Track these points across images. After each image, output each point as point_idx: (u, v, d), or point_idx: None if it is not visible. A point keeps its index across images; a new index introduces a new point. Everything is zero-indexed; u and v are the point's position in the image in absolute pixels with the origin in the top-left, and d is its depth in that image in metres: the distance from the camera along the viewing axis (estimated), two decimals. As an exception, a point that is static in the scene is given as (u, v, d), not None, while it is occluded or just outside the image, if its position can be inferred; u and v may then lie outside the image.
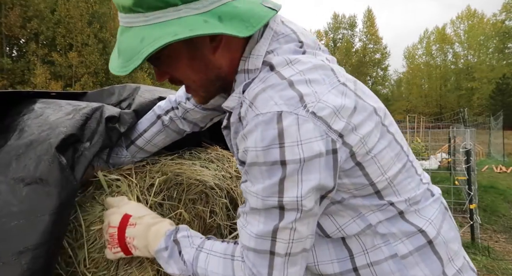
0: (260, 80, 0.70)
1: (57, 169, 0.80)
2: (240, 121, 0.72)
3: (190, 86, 0.78)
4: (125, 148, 1.09)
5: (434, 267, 0.74)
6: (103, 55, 27.68)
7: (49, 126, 0.89)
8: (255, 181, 0.67)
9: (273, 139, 0.63)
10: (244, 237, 0.71)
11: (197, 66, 0.73)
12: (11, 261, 0.74)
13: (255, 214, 0.69)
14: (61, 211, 0.78)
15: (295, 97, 0.65)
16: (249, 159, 0.66)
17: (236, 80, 0.76)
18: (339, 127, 0.66)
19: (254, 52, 0.73)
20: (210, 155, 1.41)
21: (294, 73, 0.68)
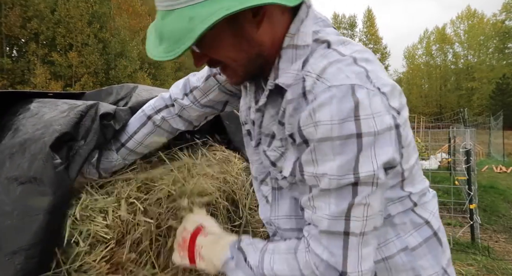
0: (321, 55, 0.70)
1: (51, 168, 0.79)
2: (304, 96, 0.68)
3: (230, 66, 0.74)
4: (115, 151, 1.05)
5: (439, 257, 0.79)
6: (103, 55, 27.66)
7: (44, 124, 0.88)
8: (325, 159, 0.64)
9: (349, 112, 0.61)
10: (315, 221, 0.68)
11: (239, 44, 0.70)
12: (4, 261, 0.73)
13: (324, 196, 0.66)
14: (55, 210, 0.77)
15: (363, 72, 0.66)
16: (321, 134, 0.63)
17: (282, 55, 0.73)
18: (396, 105, 0.68)
19: (303, 29, 0.73)
20: (215, 156, 1.40)
21: (352, 51, 0.69)
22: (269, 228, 0.91)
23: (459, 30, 47.69)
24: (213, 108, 1.07)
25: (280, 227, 0.85)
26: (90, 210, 0.90)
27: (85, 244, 0.84)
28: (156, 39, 0.68)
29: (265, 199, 0.89)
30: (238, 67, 0.74)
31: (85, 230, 0.85)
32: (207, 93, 1.02)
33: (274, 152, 0.79)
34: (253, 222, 1.40)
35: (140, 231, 0.97)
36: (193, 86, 1.03)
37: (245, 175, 1.42)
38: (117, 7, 29.05)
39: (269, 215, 0.87)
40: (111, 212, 0.92)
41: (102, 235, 0.87)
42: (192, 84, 1.04)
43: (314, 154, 0.66)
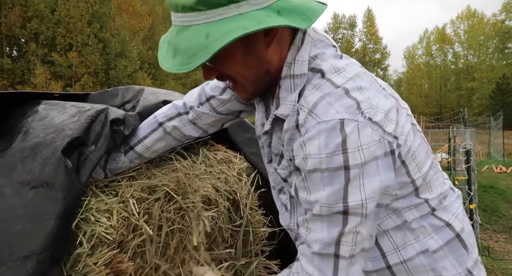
0: (314, 87, 0.73)
1: (62, 173, 0.80)
2: (297, 128, 0.73)
3: (239, 82, 0.78)
4: (123, 153, 1.08)
5: (462, 259, 0.80)
6: (103, 55, 27.60)
7: (54, 128, 0.89)
8: (315, 188, 0.69)
9: (337, 146, 0.65)
10: (309, 242, 0.72)
11: (250, 61, 0.74)
12: (16, 265, 0.73)
13: (317, 220, 0.70)
14: (67, 215, 0.78)
15: (353, 105, 0.68)
16: (310, 165, 0.67)
17: (281, 86, 0.77)
18: (391, 129, 0.70)
19: (299, 58, 0.76)
20: (216, 156, 1.41)
21: (345, 81, 0.72)
22: (290, 233, 0.95)
23: (459, 30, 47.64)
24: (228, 115, 1.09)
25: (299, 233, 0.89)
26: (95, 210, 0.91)
27: (88, 245, 0.84)
28: (169, 52, 0.70)
29: (284, 207, 0.92)
30: (247, 83, 0.77)
31: (89, 230, 0.86)
32: (225, 102, 1.05)
33: (284, 170, 0.83)
34: (253, 222, 1.40)
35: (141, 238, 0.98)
36: (210, 95, 1.06)
37: (246, 175, 1.43)
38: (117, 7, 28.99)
39: (288, 222, 0.90)
40: (116, 212, 0.93)
41: (106, 236, 0.87)
42: (208, 93, 1.06)
43: (306, 183, 0.70)
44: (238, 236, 1.36)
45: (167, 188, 1.08)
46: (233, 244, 1.37)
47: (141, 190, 1.04)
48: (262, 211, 1.45)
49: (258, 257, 1.42)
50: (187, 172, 1.21)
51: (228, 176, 1.35)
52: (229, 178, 1.34)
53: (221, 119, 1.11)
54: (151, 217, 1.02)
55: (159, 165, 1.23)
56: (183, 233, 1.13)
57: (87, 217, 0.88)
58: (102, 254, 0.86)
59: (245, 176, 1.42)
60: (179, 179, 1.14)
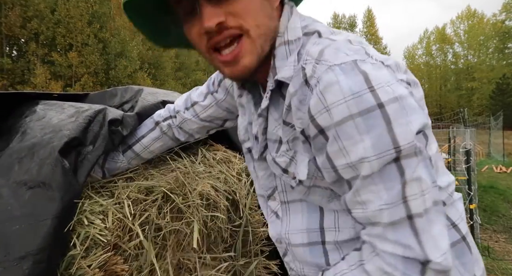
0: (314, 44, 0.67)
1: (60, 173, 0.80)
2: (307, 83, 0.63)
3: (250, 34, 0.66)
4: (122, 152, 1.08)
5: (469, 265, 0.71)
6: (103, 55, 27.62)
7: (52, 129, 0.89)
8: (352, 142, 0.57)
9: (361, 84, 0.57)
10: (372, 217, 0.60)
11: (265, 8, 0.67)
12: (12, 266, 0.73)
13: (370, 185, 0.58)
14: (64, 215, 0.77)
15: (361, 49, 0.63)
16: (338, 115, 0.57)
17: (276, 54, 0.70)
18: (403, 78, 0.63)
19: (290, 25, 0.71)
20: (215, 156, 1.41)
21: (345, 37, 0.67)
22: (279, 247, 0.86)
23: (459, 30, 47.67)
24: (212, 122, 1.09)
25: (291, 243, 0.79)
26: (89, 212, 0.90)
27: (82, 247, 0.83)
28: None
29: (274, 215, 0.84)
30: (257, 37, 0.66)
31: (83, 232, 0.85)
32: (206, 108, 1.05)
33: (283, 158, 0.73)
34: (253, 222, 1.40)
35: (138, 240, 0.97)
36: (194, 101, 1.07)
37: (245, 175, 1.42)
38: (117, 7, 28.98)
39: (279, 230, 0.82)
40: (111, 214, 0.93)
41: (100, 238, 0.86)
42: (193, 99, 1.07)
43: (339, 141, 0.59)
44: (238, 236, 1.36)
45: (164, 189, 1.07)
46: (233, 244, 1.37)
47: (138, 191, 1.04)
48: (261, 211, 1.44)
49: (257, 257, 1.42)
50: (186, 172, 1.21)
51: (227, 176, 1.34)
52: (228, 178, 1.34)
53: (204, 127, 1.10)
54: (148, 219, 1.02)
55: (157, 165, 1.23)
56: (181, 234, 1.13)
57: (80, 219, 0.87)
58: (96, 256, 0.84)
59: (245, 176, 1.42)
60: (177, 180, 1.13)
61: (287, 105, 0.68)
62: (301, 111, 0.65)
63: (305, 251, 0.76)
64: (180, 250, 1.14)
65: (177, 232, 1.11)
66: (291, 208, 0.79)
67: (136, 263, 0.98)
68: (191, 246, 1.16)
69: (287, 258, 0.84)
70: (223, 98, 1.02)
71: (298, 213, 0.78)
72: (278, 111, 0.73)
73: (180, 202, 1.10)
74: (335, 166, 0.62)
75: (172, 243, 1.09)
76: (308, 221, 0.75)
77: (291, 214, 0.79)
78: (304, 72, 0.64)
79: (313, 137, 0.63)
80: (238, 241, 1.36)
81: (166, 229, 1.05)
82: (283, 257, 0.85)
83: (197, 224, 1.12)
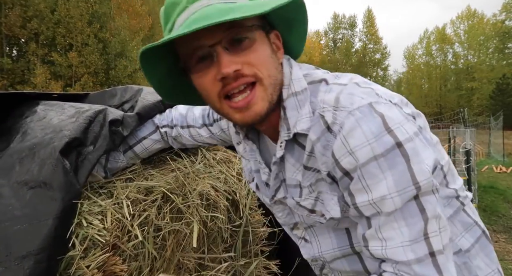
0: (325, 92, 0.71)
1: (61, 173, 0.80)
2: (329, 129, 0.68)
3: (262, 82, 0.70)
4: (122, 153, 1.12)
5: (492, 255, 0.79)
6: (103, 55, 27.62)
7: (53, 129, 0.89)
8: (376, 181, 0.62)
9: (380, 127, 0.62)
10: (392, 255, 0.63)
11: (273, 61, 0.73)
12: (13, 265, 0.73)
13: (391, 222, 0.62)
14: (64, 215, 0.77)
15: (371, 91, 0.68)
16: (362, 157, 0.62)
17: (286, 106, 0.74)
18: (409, 111, 0.70)
19: (294, 77, 0.76)
20: (216, 156, 1.41)
21: (349, 79, 0.72)
22: (315, 264, 0.91)
23: (459, 30, 47.65)
24: (206, 143, 1.17)
25: (327, 260, 0.85)
26: (87, 213, 0.90)
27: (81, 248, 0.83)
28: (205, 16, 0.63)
29: (303, 240, 0.89)
30: (269, 86, 0.71)
31: (82, 233, 0.85)
32: (201, 136, 1.12)
33: (308, 200, 0.78)
34: (253, 222, 1.40)
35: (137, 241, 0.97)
36: (190, 124, 1.13)
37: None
38: (117, 7, 28.99)
39: (313, 253, 0.87)
40: (110, 214, 0.93)
41: (99, 238, 0.86)
42: (189, 122, 1.13)
43: (363, 181, 0.63)
44: (238, 236, 1.36)
45: (164, 189, 1.07)
46: (233, 244, 1.37)
47: (137, 191, 1.04)
48: (261, 211, 1.44)
49: (257, 257, 1.42)
50: (186, 172, 1.21)
51: (227, 176, 1.34)
52: (228, 178, 1.34)
53: (197, 145, 1.18)
54: (147, 219, 1.02)
55: (157, 165, 1.23)
56: (181, 234, 1.13)
57: (79, 219, 0.88)
58: (95, 257, 0.85)
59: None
60: (177, 180, 1.14)
61: (308, 152, 0.73)
62: (325, 155, 0.69)
63: (342, 262, 0.83)
64: (180, 250, 1.14)
65: (177, 232, 1.11)
66: (317, 231, 0.85)
67: (135, 263, 0.98)
68: (191, 246, 1.16)
69: (325, 270, 0.90)
70: (217, 133, 1.10)
71: (325, 235, 0.83)
72: (294, 157, 0.77)
73: (180, 202, 1.10)
74: (355, 203, 0.66)
75: (172, 243, 1.09)
76: (338, 242, 0.81)
77: (318, 236, 0.85)
78: (325, 119, 0.68)
79: (340, 178, 0.68)
80: (238, 241, 1.36)
81: (165, 229, 1.05)
82: (321, 271, 0.91)
83: (197, 224, 1.12)
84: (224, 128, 1.07)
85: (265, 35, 0.72)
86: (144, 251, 1.01)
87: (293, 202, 0.81)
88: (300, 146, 0.75)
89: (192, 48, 0.68)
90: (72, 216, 0.83)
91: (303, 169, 0.76)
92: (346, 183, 0.67)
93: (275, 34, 0.75)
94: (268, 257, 1.46)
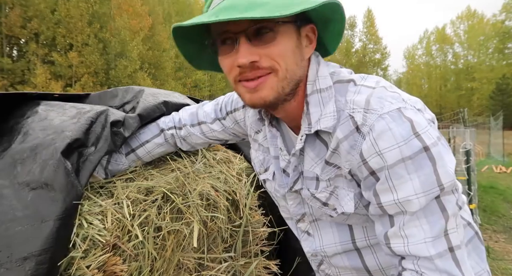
0: (354, 93, 0.74)
1: (62, 174, 0.80)
2: (358, 130, 0.70)
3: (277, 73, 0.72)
4: (124, 155, 1.11)
5: (482, 256, 0.83)
6: (103, 55, 27.62)
7: (54, 130, 0.89)
8: (402, 181, 0.65)
9: (409, 131, 0.65)
10: (415, 251, 0.66)
11: (296, 55, 0.73)
12: (14, 267, 0.73)
13: (414, 220, 0.66)
14: (66, 216, 0.77)
15: (398, 96, 0.71)
16: (391, 159, 0.65)
17: (309, 101, 0.77)
18: (429, 117, 0.73)
19: (320, 74, 0.78)
20: (216, 156, 1.41)
21: (375, 83, 0.74)
22: (314, 259, 0.94)
23: (459, 30, 47.67)
24: (216, 140, 1.16)
25: (327, 255, 0.88)
26: (87, 213, 0.90)
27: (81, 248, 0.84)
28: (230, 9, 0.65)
29: (306, 234, 0.92)
30: (283, 79, 0.72)
31: (82, 233, 0.86)
32: (213, 131, 1.11)
33: (323, 193, 0.81)
34: (253, 222, 1.40)
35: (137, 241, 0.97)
36: (201, 121, 1.12)
37: (245, 176, 1.42)
38: (117, 7, 28.98)
39: (314, 246, 0.90)
40: (110, 214, 0.93)
41: (99, 238, 0.87)
42: (200, 118, 1.12)
43: (390, 181, 0.66)
44: (238, 236, 1.36)
45: (164, 189, 1.08)
46: (233, 244, 1.37)
47: (138, 191, 1.04)
48: (261, 211, 1.45)
49: (257, 257, 1.42)
50: (186, 172, 1.21)
51: (227, 176, 1.34)
52: (228, 178, 1.34)
53: (207, 143, 1.18)
54: (148, 219, 1.02)
55: (157, 165, 1.23)
56: (181, 235, 1.13)
57: (79, 220, 0.88)
58: (95, 257, 0.85)
59: (245, 176, 1.42)
60: (177, 180, 1.14)
61: (333, 149, 0.75)
62: (351, 154, 0.72)
63: (342, 258, 0.86)
64: (180, 250, 1.14)
65: (177, 232, 1.11)
66: (320, 225, 0.88)
67: (136, 263, 0.98)
68: (191, 246, 1.16)
69: (323, 266, 0.93)
70: (230, 126, 1.09)
71: (327, 229, 0.87)
72: (314, 152, 0.80)
73: (180, 202, 1.10)
74: (380, 203, 0.69)
75: (172, 243, 1.10)
76: (340, 236, 0.85)
77: (321, 230, 0.88)
78: (354, 120, 0.71)
79: (365, 177, 0.71)
80: (238, 241, 1.36)
81: (165, 230, 1.06)
82: (318, 267, 0.94)
83: (197, 224, 1.12)
84: (239, 119, 1.06)
85: (295, 29, 0.72)
86: (144, 251, 1.01)
87: (308, 193, 0.84)
88: (322, 142, 0.78)
89: (219, 31, 0.71)
90: (74, 217, 0.83)
91: (323, 164, 0.78)
92: (371, 182, 0.70)
93: (310, 28, 0.76)
94: (268, 257, 1.46)
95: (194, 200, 1.14)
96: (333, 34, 0.81)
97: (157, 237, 1.05)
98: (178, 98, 1.29)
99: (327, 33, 0.80)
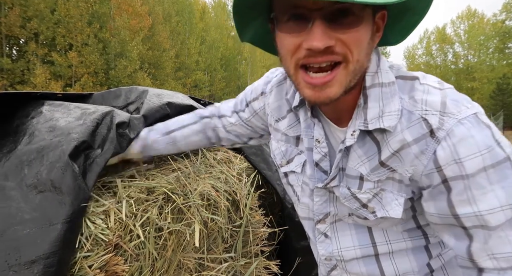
0: (424, 93, 0.68)
1: (70, 177, 0.80)
2: (432, 134, 0.65)
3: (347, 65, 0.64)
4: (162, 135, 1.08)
5: None
6: (103, 55, 27.56)
7: (60, 131, 0.89)
8: (483, 192, 0.61)
9: (491, 138, 0.62)
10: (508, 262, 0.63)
11: (368, 47, 0.66)
12: (23, 270, 0.72)
13: (499, 232, 0.62)
14: (74, 219, 0.77)
15: (468, 99, 0.67)
16: (471, 168, 0.61)
17: (369, 95, 0.71)
18: None
19: (382, 67, 0.72)
20: (216, 156, 1.42)
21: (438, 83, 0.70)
22: (327, 264, 0.88)
23: (459, 30, 47.58)
24: (237, 137, 1.09)
25: (344, 259, 0.83)
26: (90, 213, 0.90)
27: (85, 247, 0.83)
28: None
29: (323, 235, 0.86)
30: (352, 71, 0.65)
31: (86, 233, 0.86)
32: (231, 125, 1.07)
33: (367, 195, 0.75)
34: (253, 222, 1.41)
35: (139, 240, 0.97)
36: (222, 114, 1.09)
37: (245, 176, 1.43)
38: (117, 7, 28.90)
39: (331, 249, 0.85)
40: (113, 214, 0.93)
41: (102, 237, 0.86)
42: (221, 112, 1.09)
43: (469, 191, 0.62)
44: (238, 237, 1.37)
45: (165, 189, 1.08)
46: (233, 244, 1.38)
47: (140, 191, 1.04)
48: (262, 211, 1.45)
49: (258, 257, 1.43)
50: (187, 172, 1.22)
51: (228, 176, 1.35)
52: (229, 179, 1.35)
53: (228, 139, 1.11)
54: (149, 219, 1.02)
55: (158, 165, 1.24)
56: (182, 235, 1.14)
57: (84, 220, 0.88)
58: (97, 257, 0.85)
59: (245, 176, 1.43)
60: (178, 180, 1.15)
61: (394, 151, 0.69)
62: (418, 159, 0.67)
63: (359, 263, 0.81)
64: (181, 250, 1.15)
65: (178, 232, 1.12)
66: (338, 227, 0.83)
67: (137, 263, 0.99)
68: (192, 247, 1.17)
69: (334, 272, 0.87)
70: (247, 118, 1.03)
71: (346, 231, 0.82)
72: (363, 149, 0.73)
73: (181, 203, 1.11)
74: (457, 214, 0.64)
75: (173, 244, 1.10)
76: (359, 238, 0.80)
77: (338, 232, 0.83)
78: (428, 123, 0.65)
79: (434, 185, 0.66)
80: (238, 241, 1.37)
81: (167, 230, 1.06)
82: (330, 272, 0.88)
83: (198, 225, 1.13)
84: (258, 108, 0.98)
85: (372, 15, 0.64)
86: (145, 251, 1.01)
87: (347, 192, 0.77)
88: (373, 140, 0.72)
89: (289, 4, 0.62)
90: (81, 219, 0.83)
91: (377, 165, 0.72)
92: (439, 191, 0.66)
93: (382, 14, 0.67)
94: (268, 257, 1.47)
95: (195, 200, 1.15)
96: (405, 26, 0.72)
97: (158, 237, 1.06)
98: (181, 99, 1.29)
99: (399, 23, 0.71)
